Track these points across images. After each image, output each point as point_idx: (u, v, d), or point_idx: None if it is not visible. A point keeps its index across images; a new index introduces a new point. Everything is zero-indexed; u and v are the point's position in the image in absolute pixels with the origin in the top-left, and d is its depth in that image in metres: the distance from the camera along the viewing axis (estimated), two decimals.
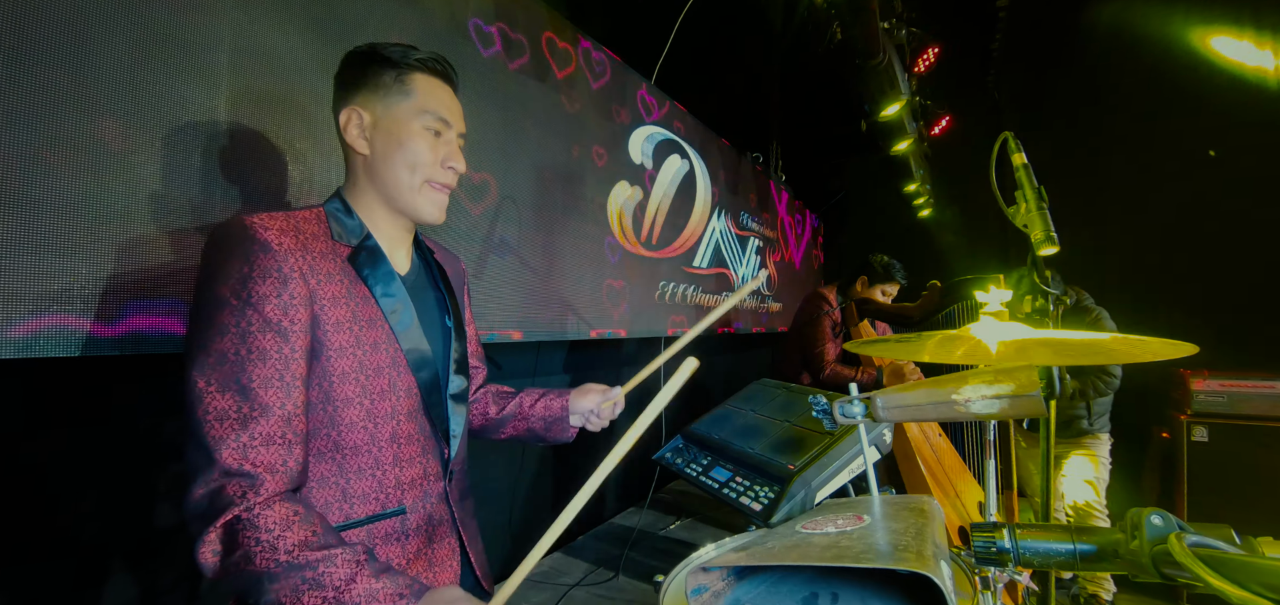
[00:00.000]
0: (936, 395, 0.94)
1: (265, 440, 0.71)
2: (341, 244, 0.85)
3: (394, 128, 0.87)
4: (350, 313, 0.82)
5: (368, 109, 0.88)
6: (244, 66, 1.29)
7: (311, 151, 1.43)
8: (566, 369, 2.82)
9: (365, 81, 0.88)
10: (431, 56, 0.90)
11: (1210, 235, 4.04)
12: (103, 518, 1.28)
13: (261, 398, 0.71)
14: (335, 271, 0.82)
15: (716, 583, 0.81)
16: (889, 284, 2.80)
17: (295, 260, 0.77)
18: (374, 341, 0.84)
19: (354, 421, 0.82)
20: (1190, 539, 0.55)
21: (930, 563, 0.64)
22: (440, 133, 0.90)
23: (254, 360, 0.72)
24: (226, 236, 0.76)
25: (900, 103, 3.61)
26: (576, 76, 2.45)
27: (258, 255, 0.75)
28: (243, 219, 0.77)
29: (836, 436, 1.26)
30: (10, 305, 0.97)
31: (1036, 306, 1.28)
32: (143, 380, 1.31)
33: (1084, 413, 2.66)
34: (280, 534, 0.66)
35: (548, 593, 2.43)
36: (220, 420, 0.70)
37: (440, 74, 0.92)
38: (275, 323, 0.74)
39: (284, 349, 0.74)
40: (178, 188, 1.18)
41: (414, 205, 0.90)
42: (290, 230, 0.80)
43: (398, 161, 0.88)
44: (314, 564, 0.65)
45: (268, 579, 0.64)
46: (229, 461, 0.68)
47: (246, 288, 0.73)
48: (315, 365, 0.79)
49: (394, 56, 0.88)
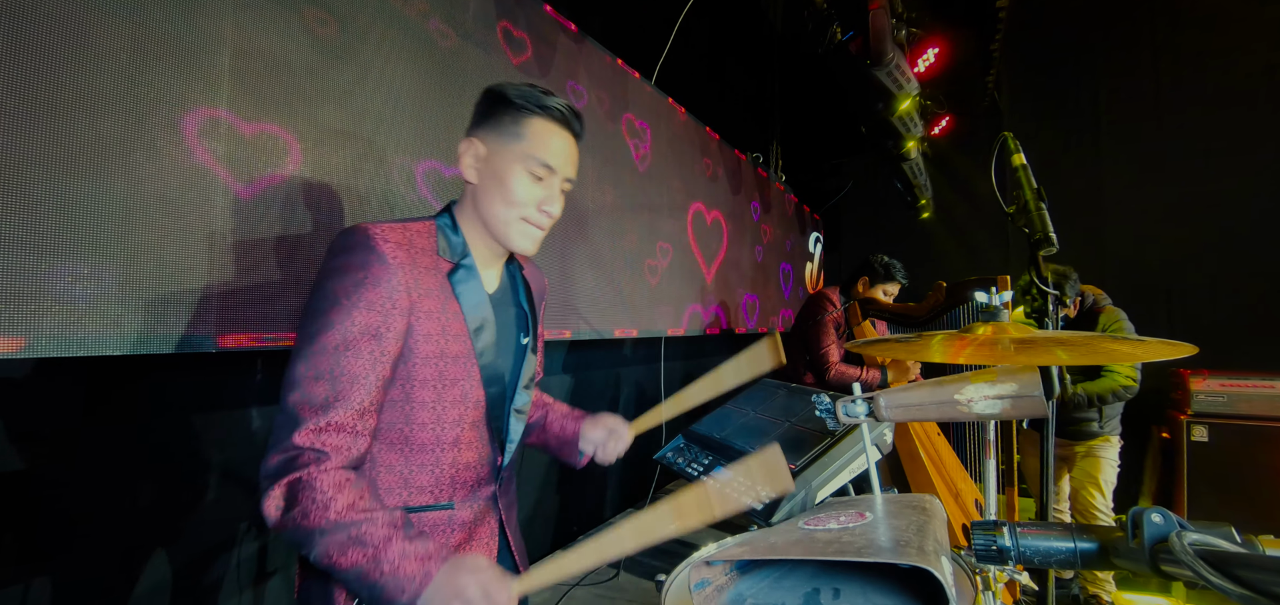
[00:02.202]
0: (939, 395, 0.95)
1: (338, 427, 0.79)
2: (444, 259, 0.93)
3: (499, 165, 0.94)
4: (440, 325, 0.90)
5: (485, 143, 0.95)
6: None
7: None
8: (565, 369, 2.83)
9: (488, 118, 0.95)
10: (553, 105, 0.95)
11: (1210, 235, 4.05)
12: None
13: (346, 391, 0.80)
14: (435, 286, 0.90)
15: (720, 577, 0.82)
16: (890, 284, 2.81)
17: (404, 274, 0.86)
18: (456, 355, 0.92)
19: (424, 422, 0.90)
20: (1191, 537, 0.55)
21: (931, 558, 0.64)
22: (542, 178, 0.95)
23: (349, 358, 0.81)
24: (351, 242, 0.85)
25: (911, 98, 3.61)
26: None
27: (373, 265, 0.83)
28: (367, 228, 0.86)
29: (837, 436, 1.26)
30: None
31: (1035, 307, 1.29)
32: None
33: (1095, 416, 2.66)
34: (333, 496, 0.75)
35: (548, 592, 2.43)
36: (309, 403, 0.78)
37: (559, 121, 0.96)
38: (375, 329, 0.83)
39: (376, 351, 0.83)
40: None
41: (507, 236, 0.96)
42: (405, 244, 0.88)
43: (496, 196, 0.94)
44: (358, 523, 0.75)
45: (319, 534, 0.74)
46: (305, 439, 0.77)
47: (358, 292, 0.82)
48: (402, 366, 0.88)
49: (515, 99, 0.94)
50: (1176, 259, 4.15)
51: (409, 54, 1.71)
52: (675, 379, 3.57)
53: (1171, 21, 4.27)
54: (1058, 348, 0.83)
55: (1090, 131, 4.56)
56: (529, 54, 2.21)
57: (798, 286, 5.48)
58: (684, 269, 3.43)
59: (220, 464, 1.54)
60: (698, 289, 3.58)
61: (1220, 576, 0.49)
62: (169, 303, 1.19)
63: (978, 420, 0.95)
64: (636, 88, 2.94)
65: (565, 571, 0.78)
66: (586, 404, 1.04)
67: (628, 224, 2.85)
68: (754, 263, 4.47)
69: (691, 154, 3.53)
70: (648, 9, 3.26)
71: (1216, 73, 4.10)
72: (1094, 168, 4.53)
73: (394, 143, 1.67)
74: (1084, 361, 0.78)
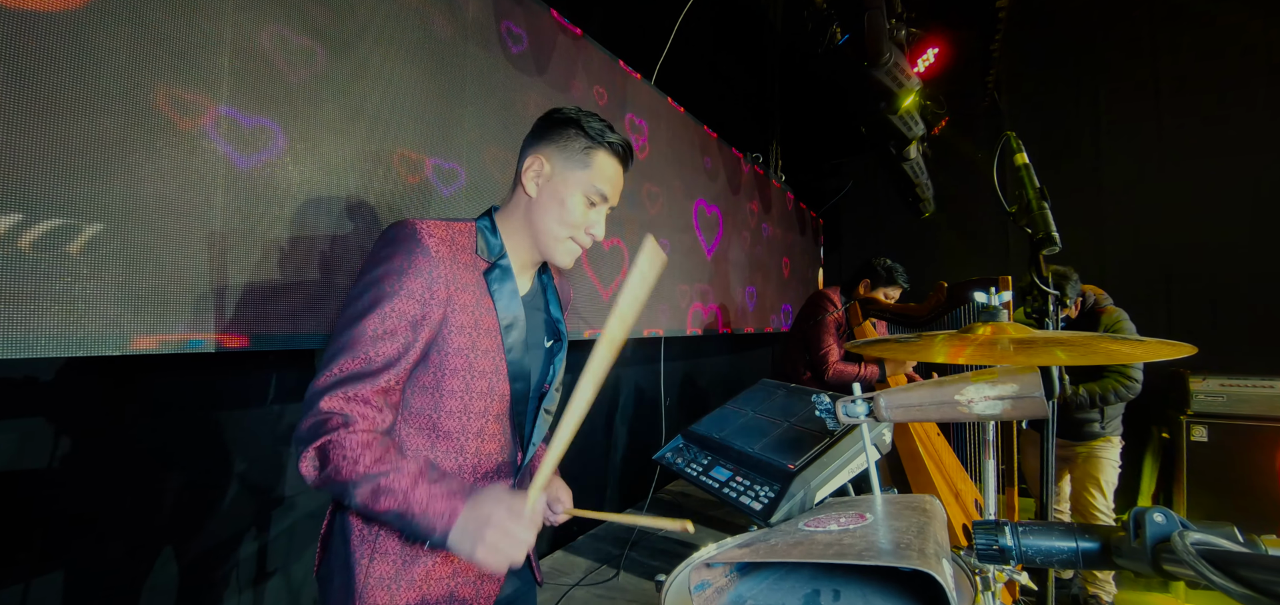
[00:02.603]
0: (939, 395, 0.94)
1: (364, 400, 0.86)
2: (482, 259, 0.99)
3: (562, 188, 1.00)
4: (473, 320, 0.96)
5: (550, 162, 1.00)
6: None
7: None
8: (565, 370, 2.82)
9: (558, 139, 1.01)
10: (622, 143, 1.03)
11: (1210, 235, 4.05)
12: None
13: (378, 368, 0.87)
14: (472, 282, 0.96)
15: (719, 579, 0.81)
16: (891, 287, 2.81)
17: (444, 268, 0.92)
18: (485, 349, 0.97)
19: (452, 411, 0.96)
20: (1193, 537, 0.55)
21: (932, 561, 0.64)
22: (597, 204, 1.03)
23: (385, 340, 0.87)
24: (399, 234, 0.91)
25: (914, 93, 3.59)
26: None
27: (418, 256, 0.90)
28: (414, 222, 0.92)
29: (837, 436, 1.26)
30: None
31: (1034, 307, 1.29)
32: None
33: (1097, 416, 2.66)
34: (361, 453, 0.82)
35: (548, 593, 2.43)
36: (343, 374, 0.85)
37: (619, 156, 1.04)
38: (412, 316, 0.89)
39: (411, 337, 0.89)
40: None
41: (552, 251, 1.03)
42: (448, 240, 0.94)
43: (553, 214, 1.00)
44: (386, 473, 0.82)
45: (352, 485, 0.81)
46: (335, 404, 0.84)
47: (401, 281, 0.88)
48: (434, 353, 0.94)
49: (592, 132, 1.01)
50: (1176, 259, 4.15)
51: (408, 52, 1.71)
52: (675, 379, 3.57)
53: (1171, 21, 4.27)
54: (1057, 348, 0.83)
55: (1090, 131, 4.56)
56: (526, 45, 2.21)
57: (798, 286, 5.48)
58: (684, 269, 3.42)
59: (220, 464, 1.54)
60: (698, 289, 3.58)
61: (1223, 576, 0.49)
62: (169, 303, 1.18)
63: (978, 421, 0.95)
64: (636, 87, 2.94)
65: (558, 452, 0.85)
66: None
67: (627, 223, 2.85)
68: (754, 262, 4.47)
69: (691, 153, 3.53)
70: (648, 9, 3.26)
71: (1216, 72, 4.10)
72: (1094, 167, 4.53)
73: (394, 140, 1.67)
74: (1084, 362, 0.78)
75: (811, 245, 5.97)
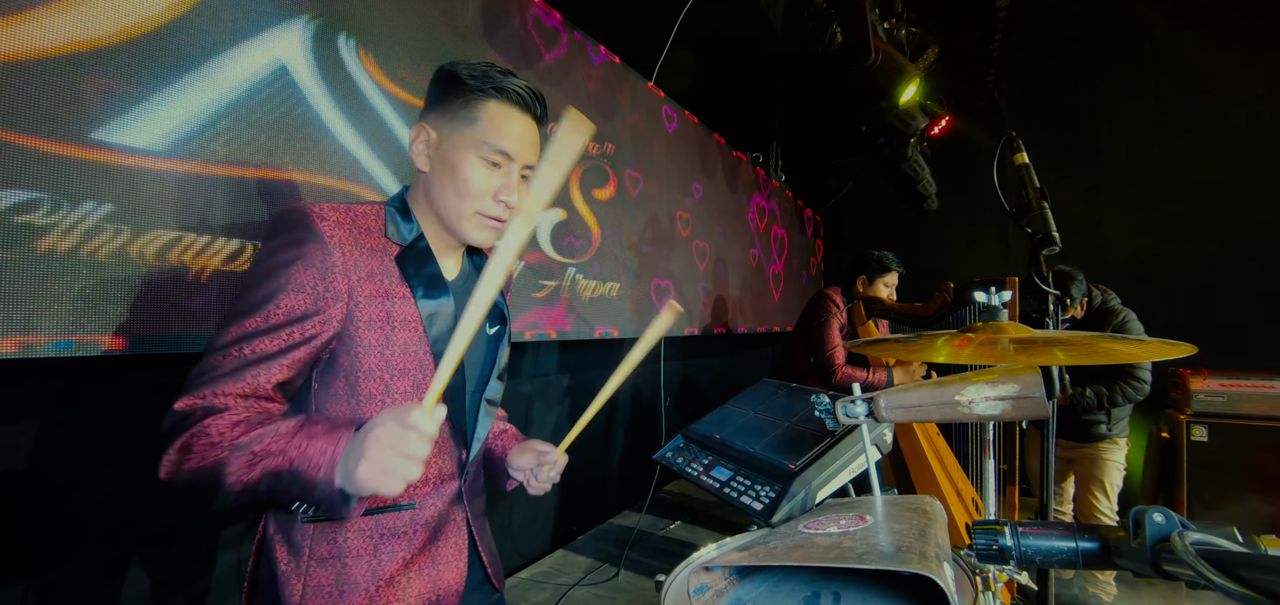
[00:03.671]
0: (940, 395, 0.94)
1: (238, 394, 0.75)
2: (393, 242, 0.87)
3: (451, 153, 0.87)
4: (384, 312, 0.84)
5: (436, 128, 0.88)
6: None
7: None
8: (562, 369, 2.82)
9: (439, 101, 0.88)
10: (511, 86, 0.87)
11: (1211, 234, 4.04)
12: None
13: (251, 367, 0.76)
14: (379, 270, 0.84)
15: (719, 582, 0.81)
16: (887, 275, 2.79)
17: (341, 255, 0.80)
18: (404, 343, 0.85)
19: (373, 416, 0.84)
20: (1193, 537, 0.55)
21: (933, 564, 0.64)
22: (499, 164, 0.88)
23: (264, 339, 0.76)
24: (288, 220, 0.80)
25: (915, 81, 3.58)
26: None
27: (308, 243, 0.78)
28: (306, 206, 0.81)
29: (837, 436, 1.26)
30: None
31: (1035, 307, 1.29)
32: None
33: (1104, 418, 2.65)
34: (226, 431, 0.71)
35: (548, 593, 2.43)
36: (217, 368, 0.75)
37: (517, 103, 0.88)
38: (300, 313, 0.78)
39: (296, 335, 0.78)
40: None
41: (461, 230, 0.90)
42: (347, 223, 0.82)
43: (449, 187, 0.87)
44: (260, 438, 0.70)
45: (221, 466, 0.69)
46: (194, 402, 0.74)
47: (288, 272, 0.77)
48: (344, 356, 0.83)
49: (468, 80, 0.86)
50: (1176, 258, 4.15)
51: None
52: (675, 379, 3.57)
53: (1172, 21, 4.26)
54: (1056, 348, 0.83)
55: (1090, 131, 4.56)
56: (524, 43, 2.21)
57: (798, 286, 5.48)
58: (683, 268, 3.42)
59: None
60: (697, 288, 3.58)
61: (1222, 576, 0.48)
62: (168, 303, 1.18)
63: (979, 421, 0.95)
64: (636, 87, 2.94)
65: (467, 333, 0.65)
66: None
67: (625, 223, 2.85)
68: (753, 262, 4.47)
69: (691, 153, 3.53)
70: (648, 9, 3.26)
71: (1217, 72, 4.09)
72: (1094, 167, 4.53)
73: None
74: (1083, 361, 0.78)
75: (811, 245, 5.97)
